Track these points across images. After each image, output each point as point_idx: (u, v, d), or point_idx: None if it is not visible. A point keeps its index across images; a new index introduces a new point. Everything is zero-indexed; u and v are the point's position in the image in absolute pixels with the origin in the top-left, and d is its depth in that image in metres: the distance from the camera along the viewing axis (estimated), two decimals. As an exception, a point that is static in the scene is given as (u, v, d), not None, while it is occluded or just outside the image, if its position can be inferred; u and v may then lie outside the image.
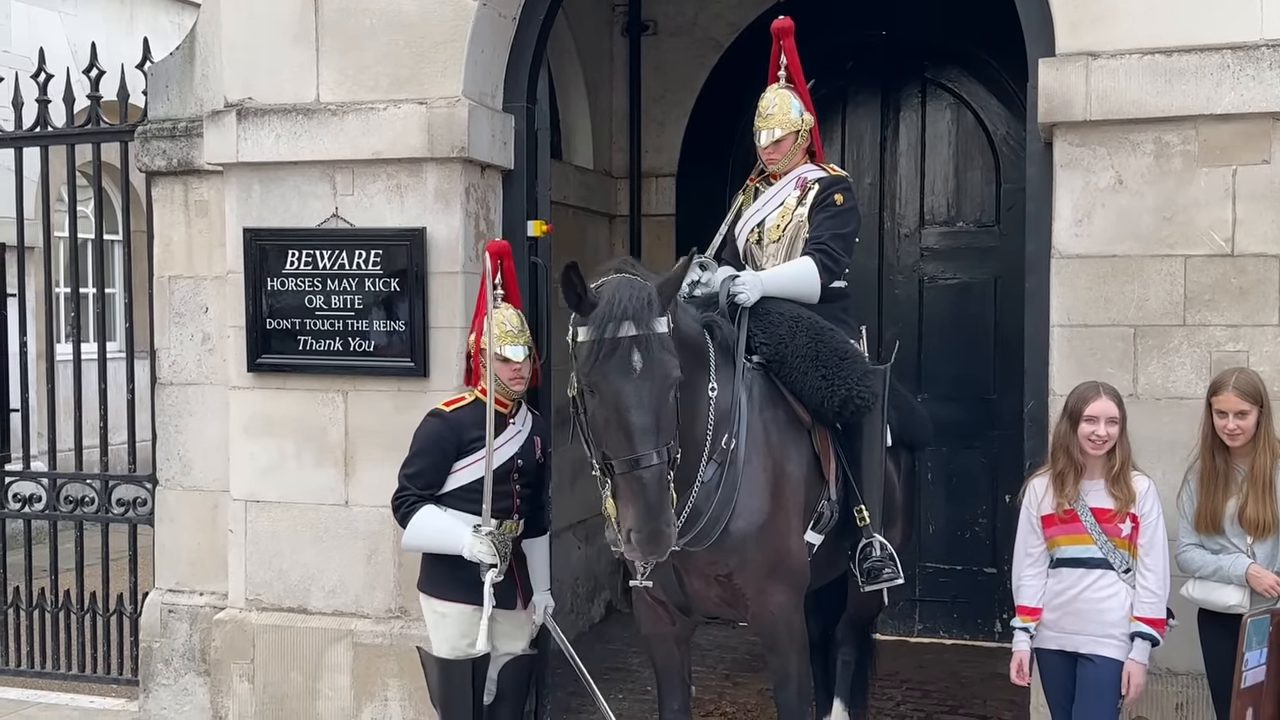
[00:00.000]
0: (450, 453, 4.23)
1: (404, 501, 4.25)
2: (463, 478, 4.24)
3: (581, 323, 3.41)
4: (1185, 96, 4.15)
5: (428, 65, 4.96)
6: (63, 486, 6.13)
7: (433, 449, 4.25)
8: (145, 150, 5.64)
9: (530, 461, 4.38)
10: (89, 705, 5.95)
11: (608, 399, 3.33)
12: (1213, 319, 4.19)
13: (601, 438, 3.38)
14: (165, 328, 5.68)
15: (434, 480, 4.24)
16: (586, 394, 3.40)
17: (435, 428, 4.27)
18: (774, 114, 4.51)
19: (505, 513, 4.26)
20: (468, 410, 4.28)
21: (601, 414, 3.37)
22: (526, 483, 4.36)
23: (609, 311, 3.36)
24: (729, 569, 3.90)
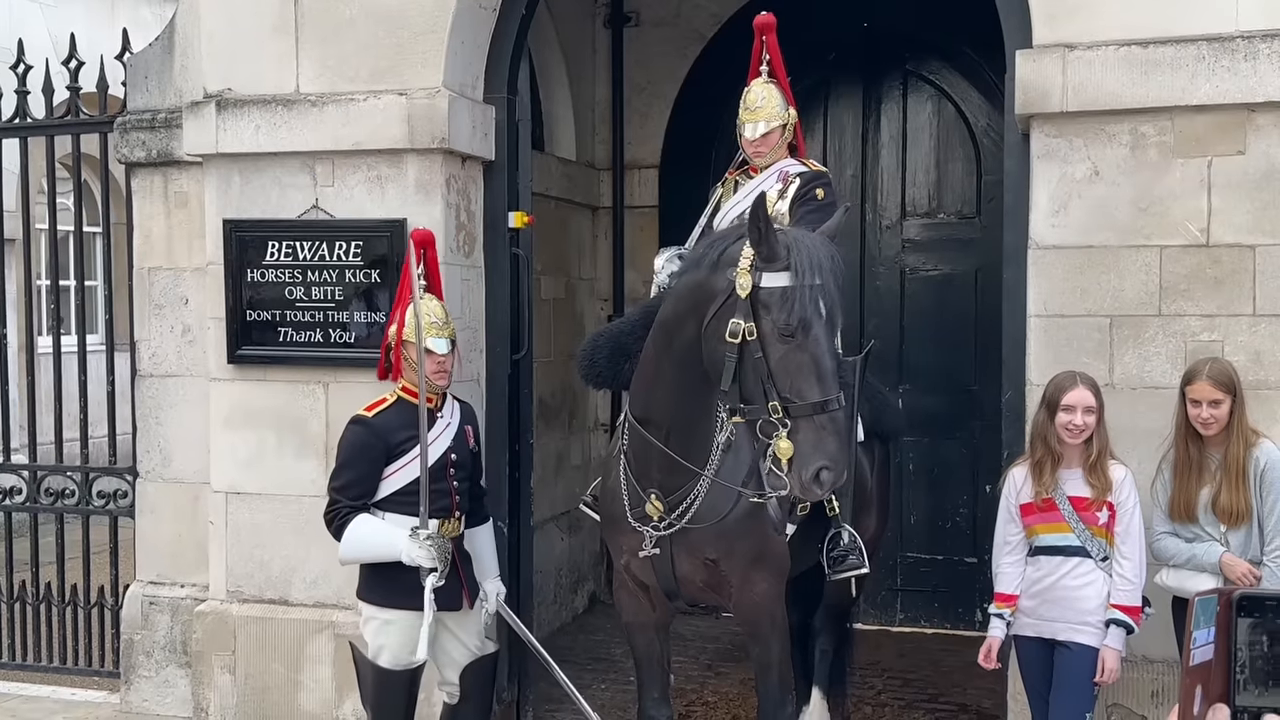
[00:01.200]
0: (379, 460, 4.08)
1: (336, 514, 4.09)
2: (396, 481, 4.10)
3: (774, 269, 3.40)
4: (1161, 88, 4.18)
5: (408, 56, 4.95)
6: (43, 479, 6.12)
7: (359, 458, 4.09)
8: (125, 141, 5.62)
9: (464, 454, 4.26)
10: (70, 697, 5.95)
11: (807, 344, 3.37)
12: (1188, 309, 4.22)
13: (789, 380, 3.37)
14: (145, 319, 5.66)
15: (365, 490, 4.09)
16: (776, 339, 3.38)
17: (360, 436, 4.10)
18: (762, 107, 4.53)
19: (444, 511, 4.14)
20: (392, 412, 4.13)
21: (796, 358, 3.37)
22: (463, 476, 4.25)
23: (810, 261, 3.40)
24: (717, 554, 3.92)
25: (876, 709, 5.66)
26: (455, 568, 4.13)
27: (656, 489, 3.83)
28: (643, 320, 4.22)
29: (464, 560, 4.25)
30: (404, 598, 4.08)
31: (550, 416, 6.93)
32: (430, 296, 4.24)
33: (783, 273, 3.40)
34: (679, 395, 3.72)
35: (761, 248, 3.40)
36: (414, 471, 4.06)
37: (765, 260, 3.40)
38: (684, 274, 3.76)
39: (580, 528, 7.32)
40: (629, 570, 4.06)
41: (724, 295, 3.47)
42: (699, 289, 3.58)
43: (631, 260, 7.52)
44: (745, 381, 3.43)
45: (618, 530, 4.04)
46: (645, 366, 3.87)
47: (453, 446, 4.18)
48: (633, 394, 3.94)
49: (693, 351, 3.60)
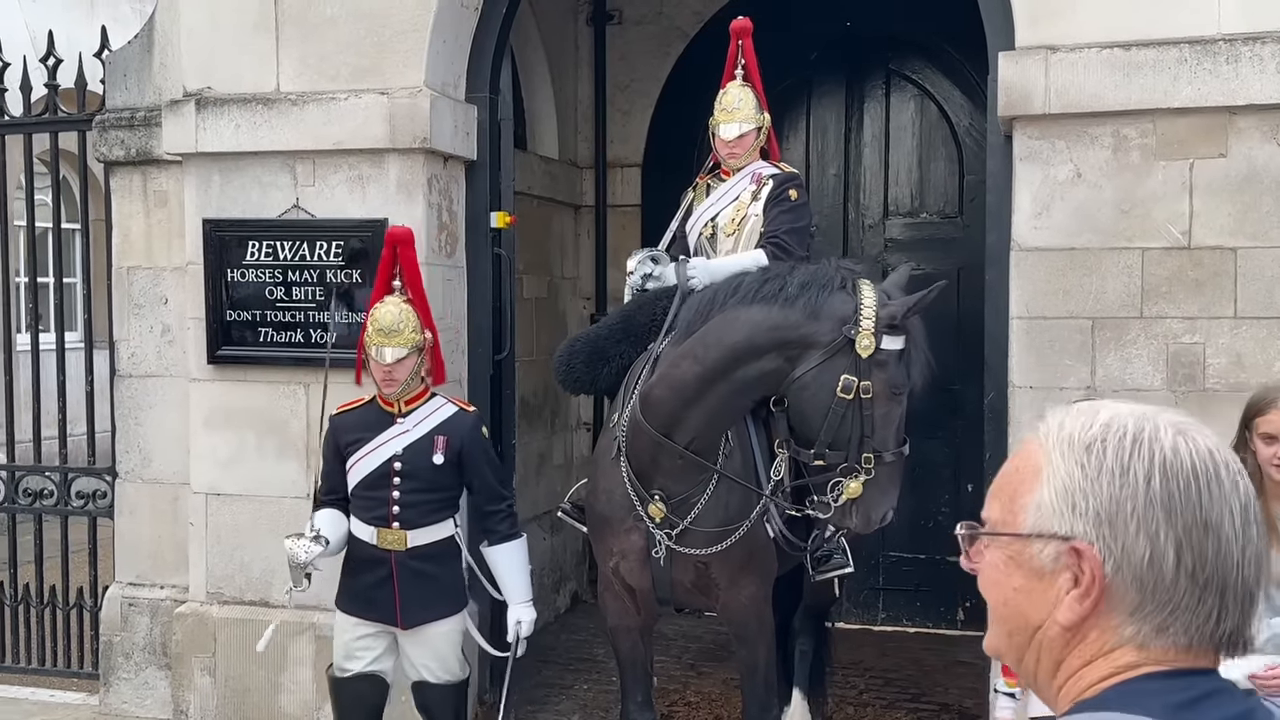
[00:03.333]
0: (335, 456, 4.12)
1: (314, 507, 4.18)
2: (351, 480, 4.09)
3: (891, 331, 3.61)
4: (1143, 90, 4.19)
5: (389, 55, 4.93)
6: (21, 479, 6.06)
7: (325, 453, 4.18)
8: (103, 140, 5.57)
9: (418, 464, 4.01)
10: (49, 699, 5.91)
11: (903, 398, 3.67)
12: (1170, 311, 4.24)
13: (885, 434, 3.64)
14: (124, 319, 5.62)
15: (333, 484, 4.13)
16: (887, 396, 3.62)
17: (327, 432, 4.19)
18: (739, 109, 4.54)
19: (380, 520, 4.01)
20: (358, 412, 4.14)
21: (896, 413, 3.66)
22: (412, 488, 4.01)
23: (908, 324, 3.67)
24: (707, 556, 3.93)
25: (859, 709, 5.67)
26: (393, 583, 3.99)
27: (660, 491, 3.86)
28: (621, 324, 4.22)
29: (410, 577, 4.00)
30: (343, 599, 4.14)
31: (532, 416, 6.91)
32: (396, 299, 4.09)
33: (899, 337, 3.64)
34: (720, 416, 3.83)
35: (884, 312, 3.61)
36: (360, 472, 4.04)
37: (888, 326, 3.61)
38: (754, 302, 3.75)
39: (562, 528, 7.27)
40: (617, 573, 4.05)
41: (831, 349, 3.63)
42: (792, 329, 3.67)
43: (614, 259, 7.50)
44: (839, 432, 3.64)
45: (609, 532, 4.03)
46: (686, 381, 3.79)
47: (401, 455, 4.02)
48: (654, 403, 3.87)
49: (760, 384, 3.75)
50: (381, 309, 4.03)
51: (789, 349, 3.66)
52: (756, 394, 3.81)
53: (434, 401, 4.13)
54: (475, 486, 4.15)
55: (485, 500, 4.16)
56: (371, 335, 3.99)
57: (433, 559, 4.04)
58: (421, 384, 4.12)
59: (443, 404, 4.14)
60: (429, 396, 4.13)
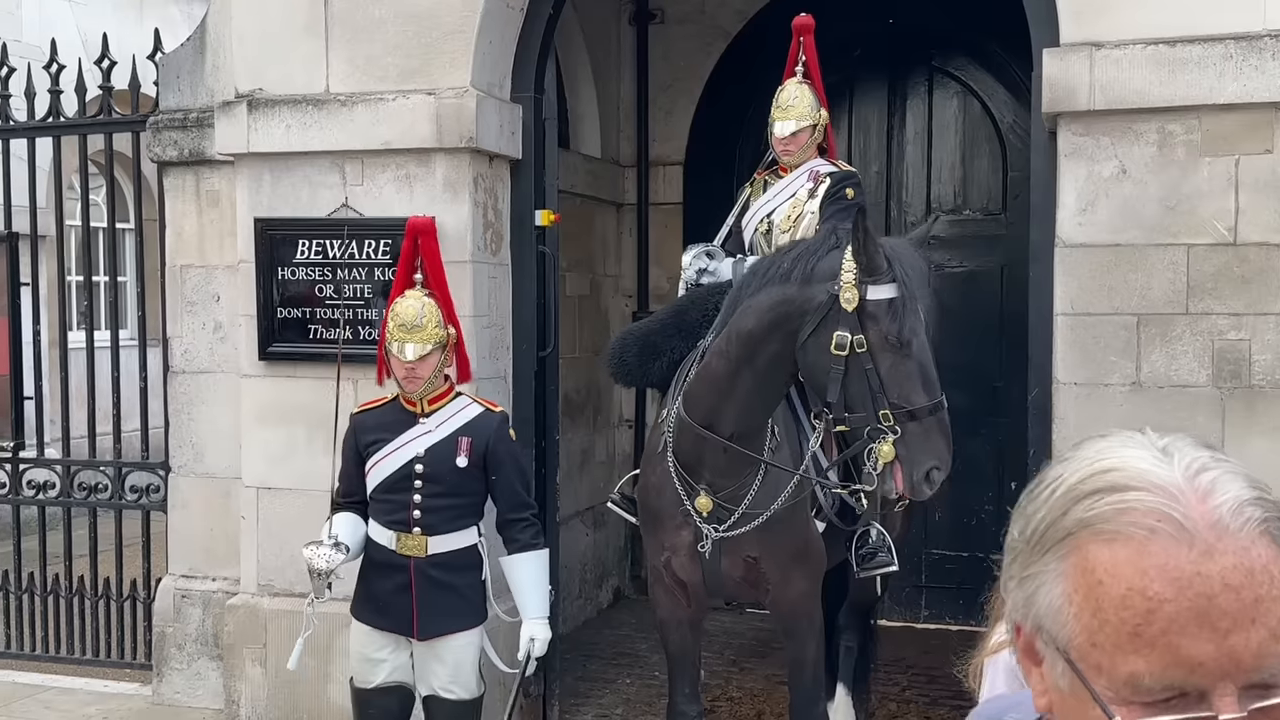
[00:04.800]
0: (355, 457, 3.98)
1: (331, 510, 4.06)
2: (371, 481, 3.94)
3: (876, 280, 3.49)
4: (1188, 86, 4.17)
5: (436, 56, 4.99)
6: (76, 473, 6.20)
7: (344, 453, 4.04)
8: (157, 140, 5.69)
9: (442, 467, 3.84)
10: (103, 689, 6.03)
11: (915, 352, 3.50)
12: (1215, 308, 4.22)
13: (899, 388, 3.48)
14: (177, 316, 5.73)
15: (352, 486, 4.00)
16: (885, 349, 3.48)
17: (346, 431, 4.05)
18: (794, 106, 4.56)
19: (400, 525, 3.85)
20: (379, 411, 3.99)
21: (905, 366, 3.49)
22: (435, 492, 3.84)
23: (912, 273, 3.54)
24: (758, 552, 3.95)
25: (901, 705, 5.68)
26: (411, 592, 3.82)
27: (707, 486, 3.87)
28: (674, 319, 4.26)
29: (428, 585, 3.83)
30: (359, 605, 3.97)
31: (575, 413, 6.97)
32: (418, 293, 3.93)
33: (889, 285, 3.49)
34: (754, 405, 3.79)
35: (862, 258, 3.48)
36: (381, 473, 3.89)
37: (869, 273, 3.48)
38: (761, 287, 3.74)
39: (605, 523, 7.36)
40: (668, 567, 4.08)
41: (824, 309, 3.54)
42: (789, 303, 3.62)
43: (656, 257, 7.55)
44: (850, 391, 3.52)
45: (659, 527, 4.06)
46: (718, 376, 3.82)
47: (425, 457, 3.86)
48: (693, 398, 3.90)
49: (778, 364, 3.69)
50: (403, 303, 3.87)
51: (790, 323, 3.61)
52: (781, 377, 3.77)
53: (458, 401, 3.96)
54: (499, 490, 3.93)
55: (508, 507, 3.94)
56: (393, 331, 3.83)
57: (453, 568, 3.86)
58: (445, 382, 3.96)
59: (468, 404, 3.97)
60: (453, 395, 3.96)
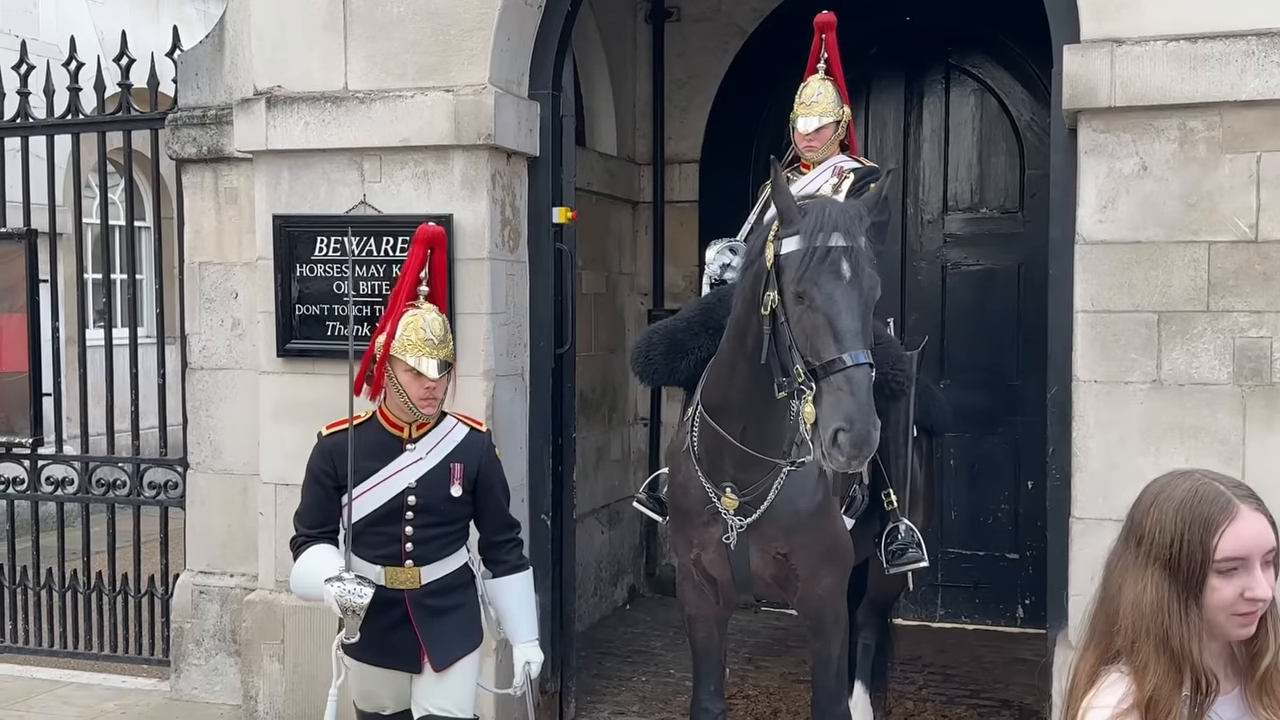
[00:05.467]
0: (328, 484, 3.56)
1: (294, 542, 3.63)
2: (355, 514, 3.52)
3: (789, 234, 3.42)
4: (1209, 83, 4.16)
5: (455, 53, 5.00)
6: (94, 470, 6.22)
7: (310, 482, 3.62)
8: (175, 138, 5.71)
9: (434, 497, 3.57)
10: (121, 685, 6.05)
11: (820, 304, 3.34)
12: (1236, 305, 4.20)
13: (809, 343, 3.35)
14: (195, 313, 5.75)
15: (322, 517, 3.59)
16: (793, 302, 3.38)
17: (312, 457, 3.63)
18: (818, 102, 4.57)
19: (391, 559, 3.55)
20: (361, 434, 3.55)
21: (811, 319, 3.35)
22: (428, 523, 3.57)
23: (820, 222, 3.40)
24: (788, 548, 3.93)
25: (918, 704, 5.67)
26: (411, 624, 3.56)
27: (731, 483, 3.83)
28: (700, 317, 4.25)
29: (427, 616, 3.59)
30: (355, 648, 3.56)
31: (590, 411, 6.97)
32: (431, 307, 3.66)
33: (794, 237, 3.41)
34: (751, 389, 3.68)
35: (787, 216, 3.43)
36: (367, 506, 3.53)
37: (784, 226, 3.43)
38: (743, 270, 3.74)
39: (620, 521, 7.36)
40: (698, 564, 4.06)
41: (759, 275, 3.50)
42: (756, 280, 3.58)
43: (672, 255, 7.55)
44: (780, 352, 3.43)
45: (688, 525, 4.04)
46: (720, 364, 3.84)
47: (415, 488, 3.56)
48: (708, 393, 3.91)
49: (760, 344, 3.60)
50: (424, 315, 3.58)
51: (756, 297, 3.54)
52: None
53: (445, 422, 3.67)
54: (488, 514, 3.72)
55: (494, 529, 3.75)
56: (414, 344, 3.50)
57: (449, 592, 3.64)
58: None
59: (454, 425, 3.68)
60: (440, 416, 3.67)
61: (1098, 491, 4.31)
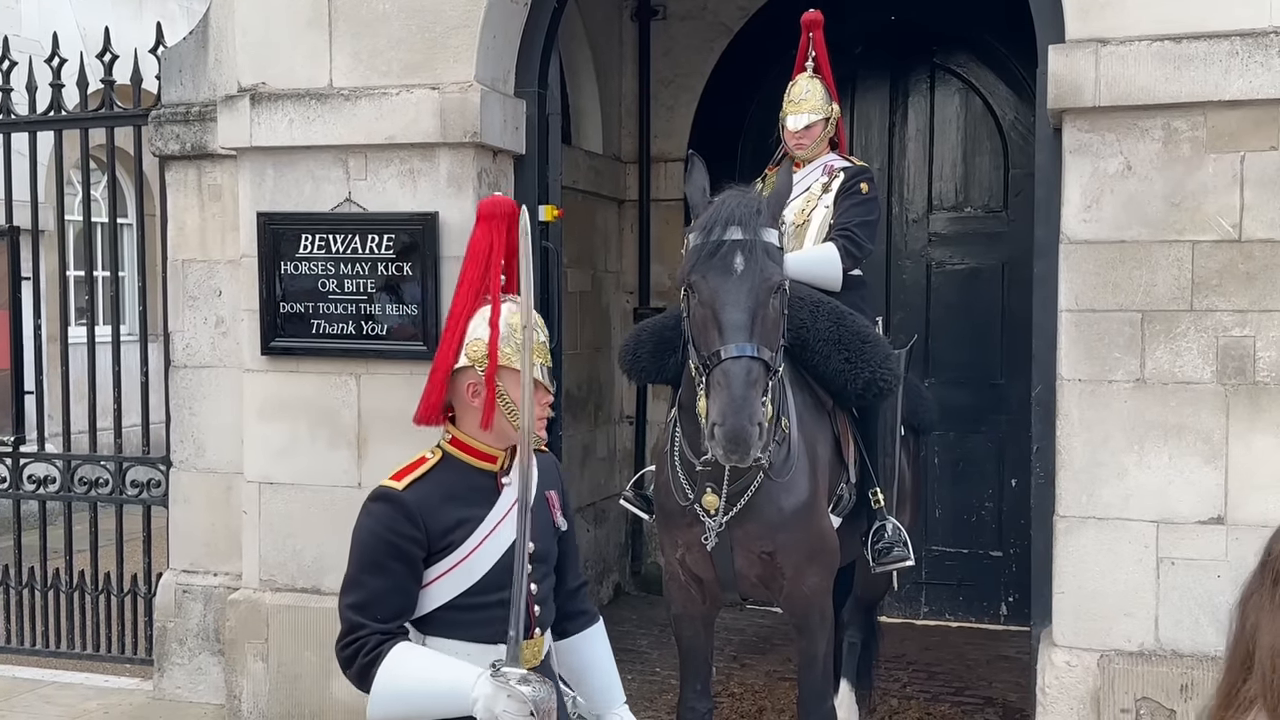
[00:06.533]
0: (416, 555, 2.53)
1: (360, 648, 2.47)
2: (447, 590, 2.56)
3: (692, 229, 3.50)
4: (1194, 83, 4.18)
5: (440, 50, 4.99)
6: (77, 468, 6.18)
7: (386, 556, 2.52)
8: (159, 134, 5.68)
9: (547, 540, 2.69)
10: (104, 684, 6.02)
11: (705, 297, 3.44)
12: (1220, 304, 4.22)
13: (700, 336, 3.45)
14: (179, 311, 5.72)
15: (401, 604, 2.53)
16: (687, 296, 3.48)
17: (385, 522, 2.54)
18: (806, 100, 4.58)
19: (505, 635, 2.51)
20: (432, 481, 2.58)
21: (700, 313, 3.46)
22: (544, 573, 2.69)
23: (715, 217, 3.47)
24: (773, 547, 3.93)
25: (902, 701, 5.68)
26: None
27: (712, 483, 3.82)
28: None
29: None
30: None
31: (577, 409, 6.97)
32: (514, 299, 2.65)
33: (693, 233, 3.49)
34: None
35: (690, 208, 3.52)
36: (473, 573, 2.57)
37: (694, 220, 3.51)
38: None
39: (606, 519, 7.36)
40: (683, 563, 4.06)
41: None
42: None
43: (658, 253, 7.55)
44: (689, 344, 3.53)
45: (673, 524, 4.04)
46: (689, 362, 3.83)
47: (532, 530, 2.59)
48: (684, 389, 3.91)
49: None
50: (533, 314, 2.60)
51: None
52: None
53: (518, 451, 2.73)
54: (570, 552, 2.86)
55: (575, 571, 2.88)
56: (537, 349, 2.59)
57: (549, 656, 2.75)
58: None
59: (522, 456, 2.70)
60: None
61: (1081, 490, 4.33)
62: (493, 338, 2.59)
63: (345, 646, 2.52)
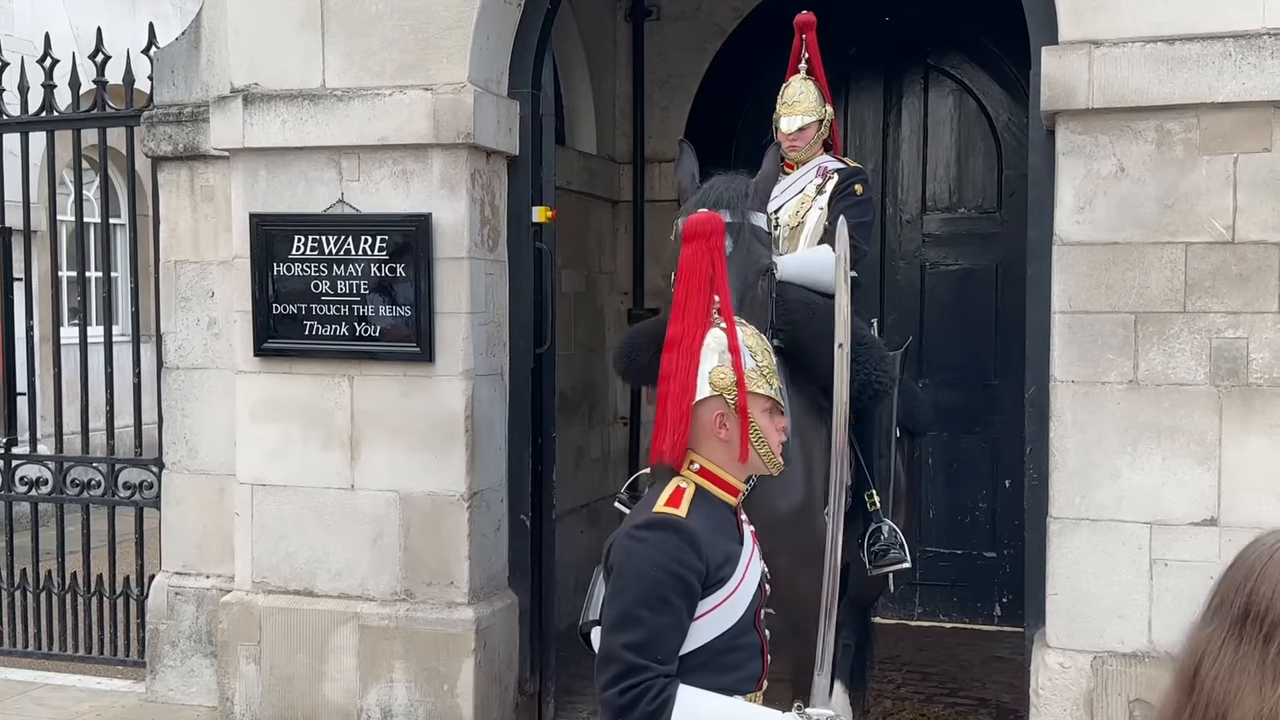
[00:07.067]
0: (697, 590, 2.36)
1: (644, 693, 2.26)
2: (707, 630, 2.38)
3: (680, 214, 3.48)
4: (1187, 85, 4.18)
5: (434, 51, 4.98)
6: (69, 470, 6.17)
7: (669, 591, 2.32)
8: (151, 135, 5.66)
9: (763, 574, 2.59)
10: (96, 686, 6.01)
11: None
12: (1213, 306, 4.22)
13: None
14: (171, 312, 5.71)
15: (679, 644, 2.35)
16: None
17: (668, 550, 2.34)
18: (800, 102, 4.58)
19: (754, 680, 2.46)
20: (703, 512, 2.43)
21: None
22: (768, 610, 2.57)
23: (704, 200, 3.46)
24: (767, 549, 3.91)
25: (896, 702, 5.69)
26: None
27: None
28: None
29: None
30: None
31: (570, 410, 6.95)
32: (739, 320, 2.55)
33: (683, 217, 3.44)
34: None
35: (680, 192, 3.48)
36: (733, 613, 2.42)
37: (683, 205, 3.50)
38: None
39: (600, 520, 7.34)
40: None
41: None
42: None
43: (652, 254, 7.52)
44: None
45: None
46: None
47: (765, 571, 2.61)
48: None
49: None
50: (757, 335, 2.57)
51: None
52: None
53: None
54: None
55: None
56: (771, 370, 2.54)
57: None
58: None
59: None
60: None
61: (1075, 491, 4.33)
62: (736, 364, 2.47)
63: (624, 691, 2.28)
